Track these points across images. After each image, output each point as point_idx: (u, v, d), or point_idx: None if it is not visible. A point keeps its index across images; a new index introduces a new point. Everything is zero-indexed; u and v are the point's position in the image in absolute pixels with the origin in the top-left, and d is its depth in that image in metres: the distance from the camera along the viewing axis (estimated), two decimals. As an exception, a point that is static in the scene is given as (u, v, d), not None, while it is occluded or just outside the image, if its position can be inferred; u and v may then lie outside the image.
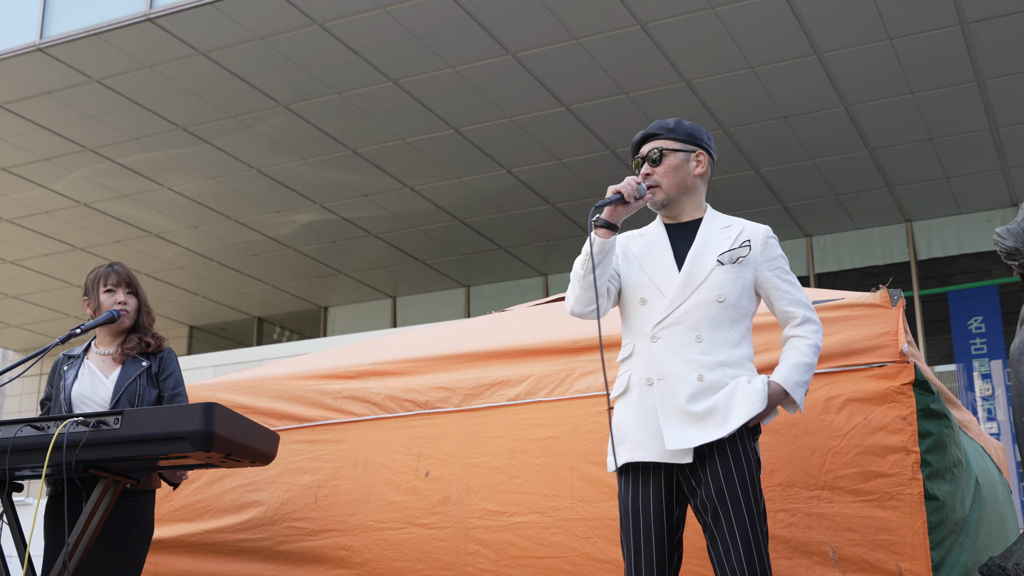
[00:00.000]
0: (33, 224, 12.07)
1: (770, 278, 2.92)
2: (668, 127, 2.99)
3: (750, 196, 11.33)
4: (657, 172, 2.96)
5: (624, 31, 8.34)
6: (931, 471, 3.24)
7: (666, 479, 2.79)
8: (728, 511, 2.69)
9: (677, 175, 2.96)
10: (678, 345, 2.81)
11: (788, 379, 2.84)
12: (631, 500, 2.81)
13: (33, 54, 8.85)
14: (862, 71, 8.82)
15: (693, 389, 2.76)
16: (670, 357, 2.81)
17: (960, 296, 11.90)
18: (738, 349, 2.85)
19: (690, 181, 2.98)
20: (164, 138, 10.12)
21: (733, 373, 2.80)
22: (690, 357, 2.79)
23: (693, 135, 3.00)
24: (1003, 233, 3.90)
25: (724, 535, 2.69)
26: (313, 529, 4.11)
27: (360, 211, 11.85)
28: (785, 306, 2.93)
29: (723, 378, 2.79)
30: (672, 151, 2.96)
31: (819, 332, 2.92)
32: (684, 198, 2.99)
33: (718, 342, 2.82)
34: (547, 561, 3.65)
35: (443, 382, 4.09)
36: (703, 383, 2.77)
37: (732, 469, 2.73)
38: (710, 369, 2.78)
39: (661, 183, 2.95)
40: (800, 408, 2.88)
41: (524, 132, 9.97)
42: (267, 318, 15.80)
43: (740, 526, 2.67)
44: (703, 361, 2.79)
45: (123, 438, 3.03)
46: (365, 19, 8.27)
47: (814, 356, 2.89)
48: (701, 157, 2.99)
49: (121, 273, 3.77)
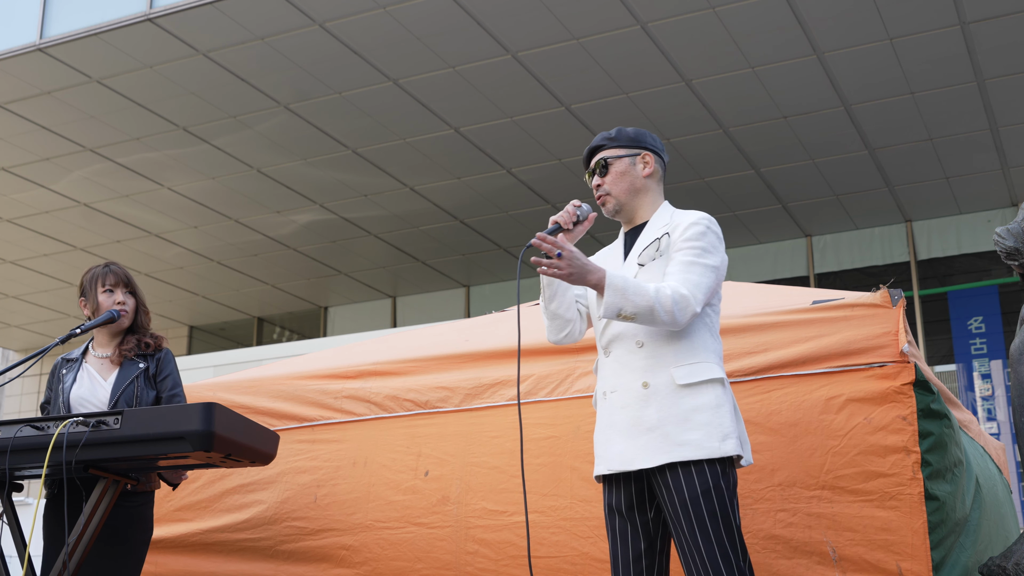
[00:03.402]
0: (33, 224, 12.06)
1: (675, 256, 2.83)
2: (610, 136, 3.05)
3: (750, 196, 11.34)
4: (606, 181, 3.01)
5: (624, 31, 8.34)
6: (931, 471, 3.24)
7: (636, 485, 2.83)
8: (690, 519, 2.67)
9: (625, 180, 3.00)
10: (624, 355, 2.84)
11: (616, 277, 2.70)
12: (607, 509, 2.90)
13: (33, 54, 8.85)
14: (862, 71, 8.82)
15: (639, 396, 2.77)
16: (619, 368, 2.84)
17: (960, 296, 11.90)
18: (688, 344, 2.79)
19: (639, 183, 3.01)
20: (164, 138, 10.12)
21: (683, 372, 2.76)
22: (635, 365, 2.81)
23: (636, 139, 3.03)
24: (1003, 233, 3.90)
25: (685, 539, 2.69)
26: (313, 529, 4.11)
27: (360, 211, 11.85)
28: (668, 278, 2.80)
29: (671, 379, 2.75)
30: (616, 158, 3.01)
31: (680, 303, 2.70)
32: (636, 201, 3.01)
33: (660, 344, 2.79)
34: (547, 561, 3.65)
35: (443, 382, 4.09)
36: (648, 389, 2.77)
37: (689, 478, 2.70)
38: (655, 373, 2.77)
39: (611, 191, 3.01)
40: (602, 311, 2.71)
41: (524, 132, 9.97)
42: (267, 318, 15.80)
43: (703, 534, 2.65)
44: (645, 366, 2.79)
45: (123, 438, 3.02)
46: (365, 19, 8.27)
47: (656, 299, 2.68)
48: (647, 158, 3.02)
49: (119, 273, 3.77)
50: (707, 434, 2.70)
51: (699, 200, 11.40)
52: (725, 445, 2.71)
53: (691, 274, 2.77)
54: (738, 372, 3.54)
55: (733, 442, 2.73)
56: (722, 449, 2.70)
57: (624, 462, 2.77)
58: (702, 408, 2.73)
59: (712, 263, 2.81)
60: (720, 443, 2.70)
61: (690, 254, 2.80)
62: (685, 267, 2.78)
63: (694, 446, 2.69)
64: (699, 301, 2.74)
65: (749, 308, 3.79)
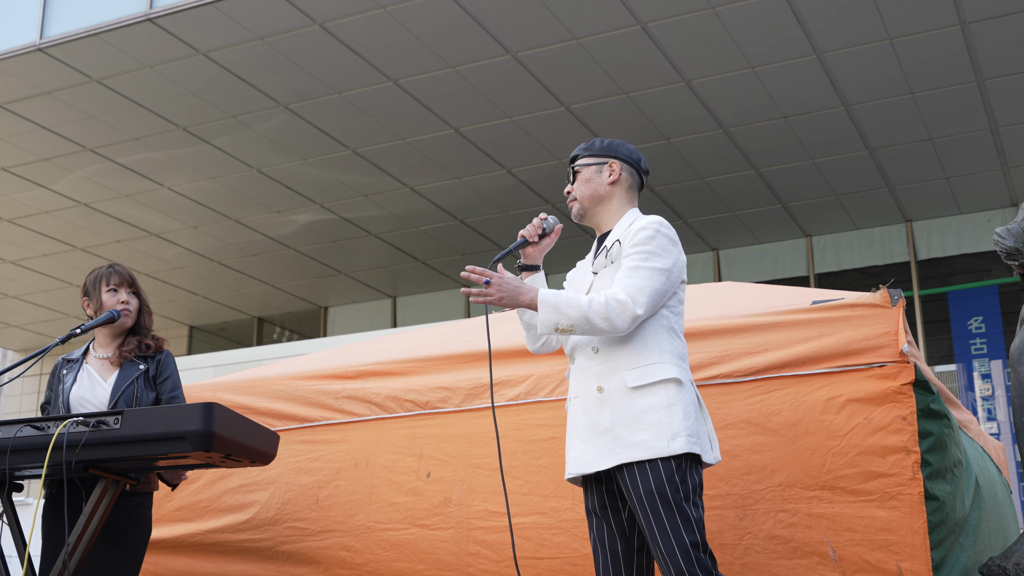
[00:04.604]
0: (33, 224, 12.06)
1: (623, 262, 2.91)
2: (585, 146, 3.19)
3: (750, 196, 11.34)
4: (574, 188, 3.16)
5: (624, 31, 8.34)
6: (931, 471, 3.24)
7: (607, 486, 2.92)
8: (647, 515, 2.74)
9: (589, 186, 3.12)
10: (583, 361, 2.95)
11: (548, 293, 2.82)
12: (586, 511, 2.99)
13: (33, 54, 8.85)
14: (862, 71, 8.82)
15: (594, 401, 2.86)
16: (579, 374, 2.95)
17: (960, 296, 11.90)
18: (640, 347, 2.85)
19: (603, 190, 3.11)
20: (164, 138, 10.12)
21: (636, 376, 2.82)
22: (591, 371, 2.91)
23: (606, 148, 3.16)
24: (1003, 233, 3.90)
25: (647, 536, 2.76)
26: (314, 530, 4.11)
27: (360, 211, 11.85)
28: (615, 284, 2.87)
29: (623, 383, 2.82)
30: (585, 166, 3.15)
31: (616, 309, 2.77)
32: (599, 207, 3.12)
33: (614, 349, 2.88)
34: (548, 562, 3.65)
35: (443, 382, 4.09)
36: (603, 394, 2.85)
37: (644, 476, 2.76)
38: (608, 377, 2.86)
39: (576, 196, 3.14)
40: (539, 328, 2.82)
41: (524, 132, 9.97)
42: (267, 318, 15.80)
43: (660, 529, 2.71)
44: (600, 371, 2.88)
45: (123, 438, 3.02)
46: (365, 19, 8.27)
47: (589, 308, 2.77)
48: (614, 166, 3.12)
49: (123, 273, 3.78)
50: (656, 434, 2.76)
51: (699, 200, 11.41)
52: (674, 444, 2.75)
53: (634, 278, 2.84)
54: (738, 372, 3.54)
55: (682, 440, 2.76)
56: (671, 448, 2.75)
57: (582, 465, 2.87)
58: (652, 409, 2.79)
59: (660, 265, 2.86)
60: (668, 442, 2.75)
61: (636, 259, 2.88)
62: (630, 272, 2.87)
63: (643, 447, 2.76)
64: (640, 304, 2.80)
65: (749, 308, 3.79)
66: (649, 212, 3.09)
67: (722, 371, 3.57)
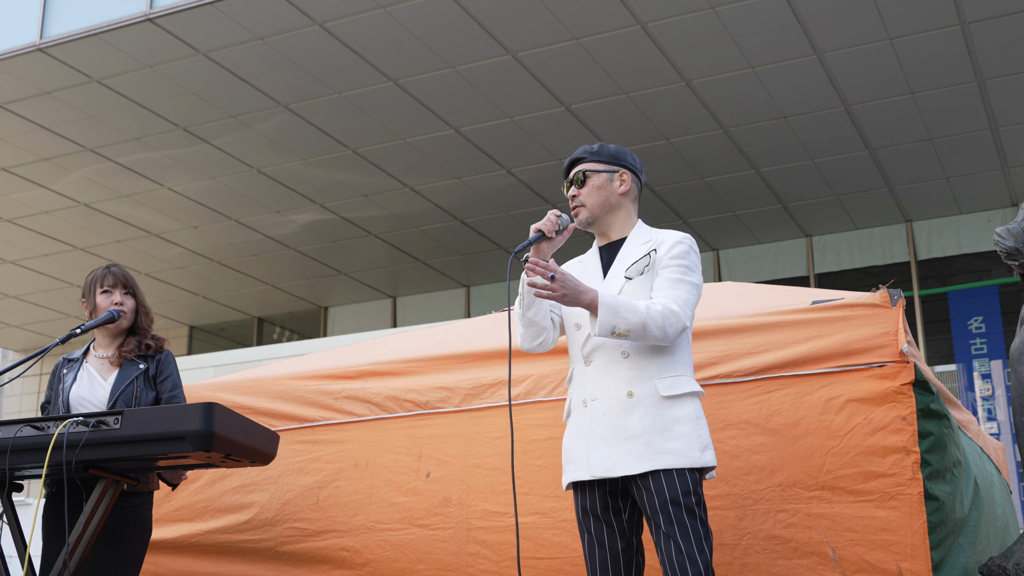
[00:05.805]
0: (33, 224, 12.07)
1: (661, 273, 2.95)
2: (592, 151, 3.14)
3: (750, 196, 11.34)
4: (582, 193, 3.10)
5: (624, 31, 8.34)
6: (931, 471, 3.24)
7: (611, 488, 2.92)
8: (669, 519, 2.77)
9: (600, 194, 3.09)
10: (607, 364, 2.93)
11: (608, 296, 2.82)
12: (581, 515, 2.98)
13: (33, 54, 8.85)
14: (862, 71, 8.82)
15: (622, 405, 2.86)
16: (601, 377, 2.93)
17: (960, 296, 11.90)
18: (670, 357, 2.90)
19: (614, 200, 3.10)
20: (164, 138, 10.12)
21: (667, 385, 2.86)
22: (618, 375, 2.90)
23: (616, 156, 3.13)
24: (1003, 233, 3.90)
25: (664, 537, 2.78)
26: (314, 530, 4.11)
27: (360, 211, 11.85)
28: (656, 293, 2.91)
29: (655, 391, 2.85)
30: (595, 172, 3.10)
31: (671, 319, 2.82)
32: (609, 216, 3.11)
33: (644, 355, 2.89)
34: (548, 562, 3.65)
35: (443, 382, 4.09)
36: (633, 399, 2.86)
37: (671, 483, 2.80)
38: (639, 383, 2.87)
39: (586, 203, 3.09)
40: (596, 330, 2.81)
41: (524, 132, 9.98)
42: (267, 318, 15.80)
43: (682, 531, 2.75)
44: (630, 376, 2.88)
45: (123, 438, 3.02)
46: (365, 19, 8.27)
47: (648, 315, 2.79)
48: (624, 176, 3.11)
49: (118, 274, 3.77)
50: (688, 444, 2.83)
51: (699, 200, 11.41)
52: (705, 456, 2.84)
53: (679, 291, 2.90)
54: (738, 372, 3.54)
55: (710, 453, 2.87)
56: (702, 459, 2.84)
57: (607, 468, 2.86)
58: (683, 419, 2.85)
59: (695, 281, 2.95)
60: (700, 453, 2.83)
61: (677, 271, 2.92)
62: (673, 284, 2.90)
63: (676, 455, 2.81)
64: (688, 316, 2.88)
65: (749, 308, 3.79)
66: (649, 212, 3.10)
67: (722, 371, 3.57)
